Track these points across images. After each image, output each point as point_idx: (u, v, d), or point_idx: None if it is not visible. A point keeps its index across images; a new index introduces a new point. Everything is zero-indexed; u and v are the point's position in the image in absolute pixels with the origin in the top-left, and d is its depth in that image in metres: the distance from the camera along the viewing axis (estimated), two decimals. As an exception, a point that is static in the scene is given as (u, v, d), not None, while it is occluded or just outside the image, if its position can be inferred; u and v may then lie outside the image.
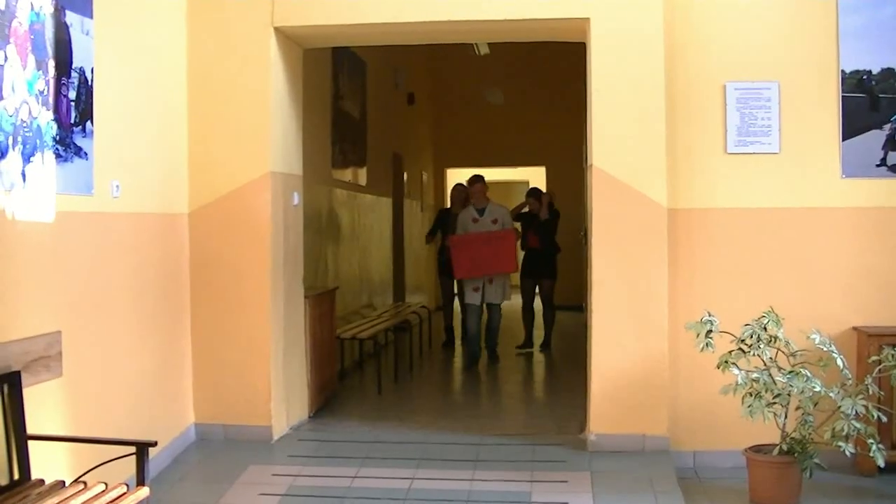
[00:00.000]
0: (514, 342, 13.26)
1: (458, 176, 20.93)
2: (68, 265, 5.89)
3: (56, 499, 4.79)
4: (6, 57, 5.17)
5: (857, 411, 6.22)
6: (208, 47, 7.84)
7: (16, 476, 5.08)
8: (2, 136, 5.13)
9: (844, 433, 6.20)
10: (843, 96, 7.50)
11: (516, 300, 13.41)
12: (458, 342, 13.98)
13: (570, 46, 8.49)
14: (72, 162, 5.89)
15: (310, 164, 9.18)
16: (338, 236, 11.50)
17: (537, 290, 13.41)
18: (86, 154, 6.06)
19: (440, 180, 19.99)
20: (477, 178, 12.20)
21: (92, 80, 6.16)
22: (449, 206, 13.73)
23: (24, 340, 5.31)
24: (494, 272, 11.84)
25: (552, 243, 13.07)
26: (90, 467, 5.25)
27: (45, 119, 5.58)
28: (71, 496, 4.84)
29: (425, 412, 9.26)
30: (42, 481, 5.10)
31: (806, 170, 7.54)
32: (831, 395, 6.33)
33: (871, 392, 6.43)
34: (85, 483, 5.04)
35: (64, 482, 5.11)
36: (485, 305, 12.18)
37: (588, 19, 7.56)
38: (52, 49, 5.66)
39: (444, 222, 13.35)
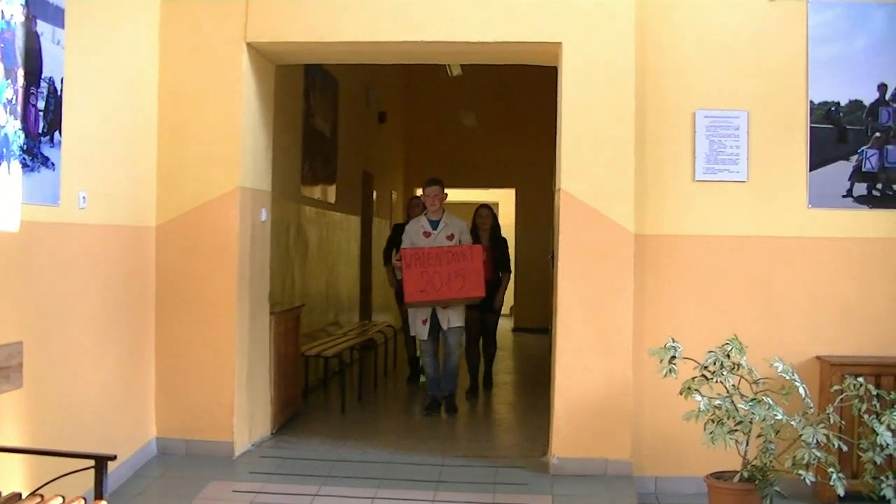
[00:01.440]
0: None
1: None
2: (32, 275, 5.85)
3: (12, 511, 4.75)
4: (-25, 65, 5.15)
5: (818, 440, 6.23)
6: (180, 61, 7.82)
7: (-28, 487, 5.04)
8: (-32, 143, 5.10)
9: (805, 461, 6.22)
10: (811, 127, 7.56)
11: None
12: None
13: (542, 70, 8.52)
14: (38, 172, 5.86)
15: (279, 180, 9.16)
16: (305, 253, 11.47)
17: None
18: (53, 164, 6.03)
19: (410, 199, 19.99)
20: (434, 181, 10.20)
21: (61, 91, 6.13)
22: (405, 220, 11.88)
23: (-16, 350, 5.28)
24: (457, 298, 9.70)
25: (506, 269, 11.52)
26: (48, 480, 5.21)
27: (13, 128, 5.55)
28: (27, 509, 4.80)
29: (389, 432, 9.22)
30: (-2, 493, 5.06)
31: (773, 199, 7.59)
32: (793, 423, 6.35)
33: (832, 421, 6.45)
34: (42, 496, 4.99)
35: (21, 494, 5.06)
36: (440, 335, 10.23)
37: (560, 44, 7.60)
38: (21, 58, 5.63)
39: (399, 239, 11.14)
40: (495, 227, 11.54)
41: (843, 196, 7.56)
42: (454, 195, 19.23)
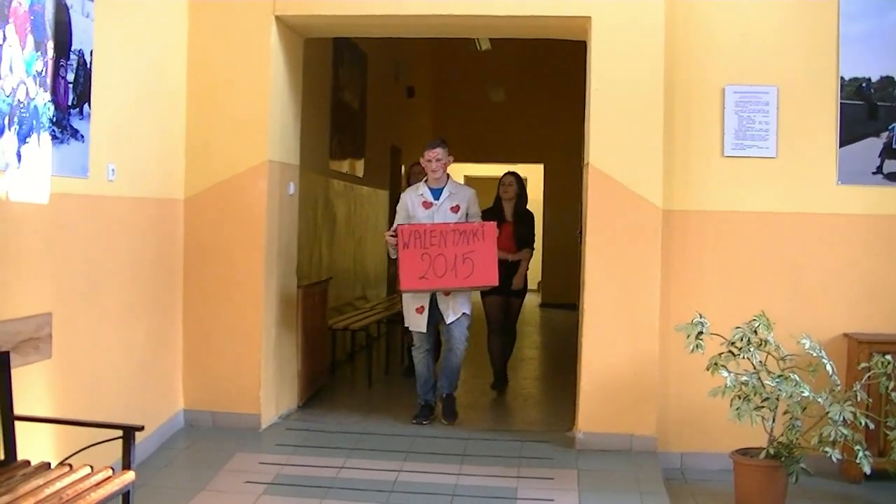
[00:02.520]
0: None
1: (456, 172, 20.95)
2: (61, 247, 5.89)
3: (41, 480, 4.79)
4: (5, 37, 5.16)
5: (844, 418, 6.22)
6: (209, 34, 7.83)
7: (1, 456, 5.10)
8: (-2, 115, 5.13)
9: (832, 439, 6.21)
10: (841, 103, 7.50)
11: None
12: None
13: (570, 44, 8.48)
14: (68, 144, 5.88)
15: (307, 153, 9.17)
16: (333, 227, 11.49)
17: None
18: (82, 136, 6.05)
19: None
20: (437, 142, 8.47)
21: (91, 63, 6.15)
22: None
23: (14, 321, 5.31)
24: (465, 286, 8.13)
25: (528, 246, 10.00)
26: (76, 450, 5.26)
27: (43, 100, 5.57)
28: (56, 478, 4.84)
29: (415, 406, 9.21)
30: (28, 462, 5.10)
31: (802, 175, 7.54)
32: (819, 400, 6.33)
33: (859, 399, 6.44)
34: (71, 465, 5.04)
35: (49, 464, 5.12)
36: (439, 328, 8.78)
37: (589, 18, 7.56)
38: (51, 30, 5.65)
39: None
40: (521, 197, 9.98)
41: (873, 173, 7.51)
42: (481, 170, 19.22)
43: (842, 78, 7.50)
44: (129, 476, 5.03)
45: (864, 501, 6.93)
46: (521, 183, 10.01)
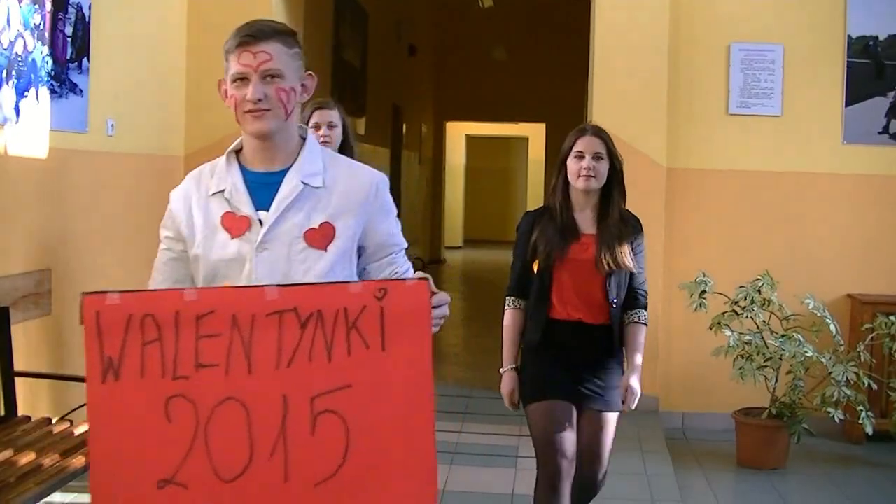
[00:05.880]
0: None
1: (457, 130, 20.83)
2: (60, 203, 5.84)
3: (41, 436, 4.77)
4: (2, -12, 5.10)
5: (847, 378, 6.22)
6: (209, -12, 7.75)
7: (1, 412, 5.08)
8: (-4, 68, 5.07)
9: (834, 399, 6.21)
10: (848, 62, 7.45)
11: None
12: None
13: (573, 1, 8.40)
14: (67, 98, 5.83)
15: (308, 110, 9.10)
16: (334, 185, 11.42)
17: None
18: (81, 91, 5.99)
19: (439, 133, 19.85)
20: (266, 28, 2.95)
21: (89, 17, 6.08)
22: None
23: (13, 277, 5.28)
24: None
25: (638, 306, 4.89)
26: (77, 405, 5.24)
27: (41, 54, 5.51)
28: (56, 434, 4.83)
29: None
30: (28, 418, 5.08)
31: (807, 134, 7.49)
32: (823, 360, 6.32)
33: (862, 359, 6.43)
34: (71, 421, 5.03)
35: (50, 419, 5.09)
36: None
37: (593, -27, 7.49)
38: (49, -18, 5.58)
39: None
40: (615, 183, 4.77)
41: (879, 133, 7.46)
42: (484, 129, 19.08)
43: (849, 36, 7.44)
44: (130, 432, 5.01)
45: (865, 462, 6.93)
46: (614, 154, 4.81)
